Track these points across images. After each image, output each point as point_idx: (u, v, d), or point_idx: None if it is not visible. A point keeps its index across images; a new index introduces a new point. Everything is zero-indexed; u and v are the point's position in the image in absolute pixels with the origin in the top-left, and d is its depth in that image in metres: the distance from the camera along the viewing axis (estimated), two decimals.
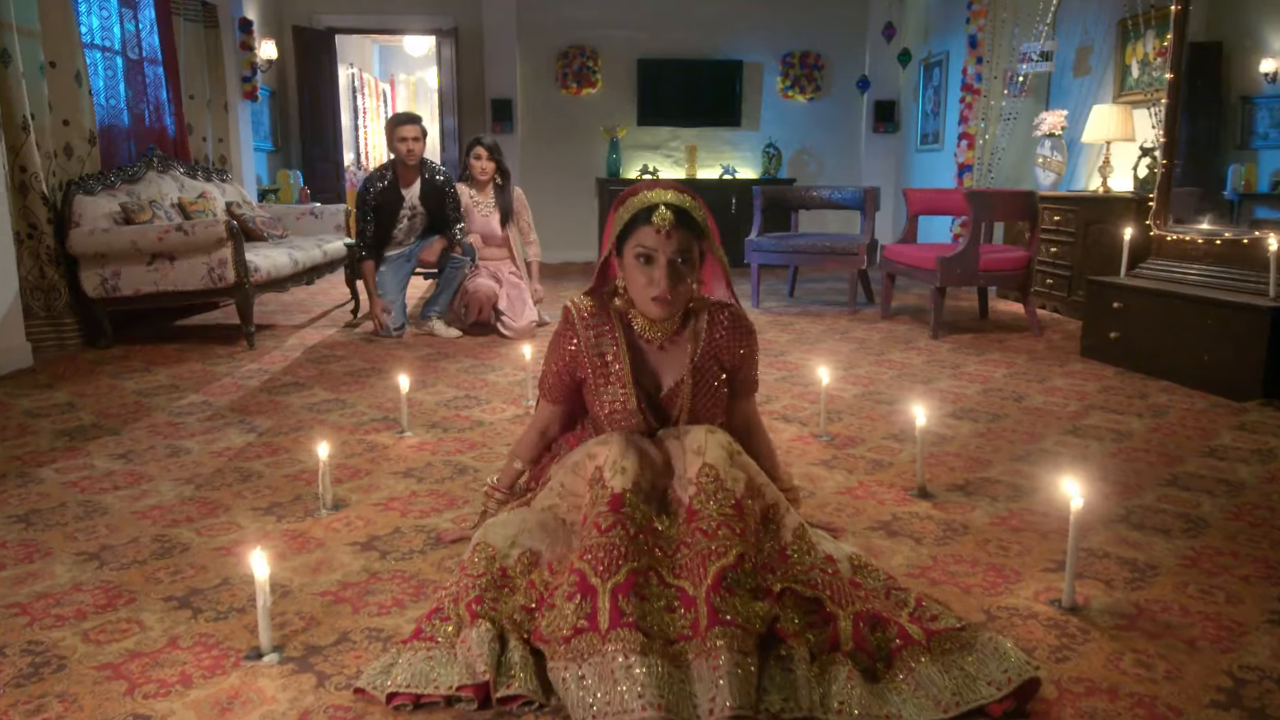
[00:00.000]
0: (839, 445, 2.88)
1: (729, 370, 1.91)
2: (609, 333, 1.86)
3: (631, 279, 1.78)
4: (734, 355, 1.90)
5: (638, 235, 1.74)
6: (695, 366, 1.86)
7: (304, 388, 3.68)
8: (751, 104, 8.67)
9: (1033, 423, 3.16)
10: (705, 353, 1.87)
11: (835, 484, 2.52)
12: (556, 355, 1.93)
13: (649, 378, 1.87)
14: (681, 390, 1.85)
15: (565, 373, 1.92)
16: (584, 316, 1.88)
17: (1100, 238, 5.20)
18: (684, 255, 1.74)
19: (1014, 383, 3.77)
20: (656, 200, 1.75)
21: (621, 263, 1.82)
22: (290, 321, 5.36)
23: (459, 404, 3.40)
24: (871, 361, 4.20)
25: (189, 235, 4.34)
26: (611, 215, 1.85)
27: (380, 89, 13.03)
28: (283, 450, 2.83)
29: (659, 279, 1.73)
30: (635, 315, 1.85)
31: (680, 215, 1.74)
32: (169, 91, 5.79)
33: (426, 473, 2.60)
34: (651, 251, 1.73)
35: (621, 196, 1.83)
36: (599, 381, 1.86)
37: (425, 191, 4.82)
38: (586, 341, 1.86)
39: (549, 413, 2.02)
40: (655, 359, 1.87)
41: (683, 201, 1.77)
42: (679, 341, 1.87)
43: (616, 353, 1.85)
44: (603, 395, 1.86)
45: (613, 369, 1.85)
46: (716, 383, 1.88)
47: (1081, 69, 6.26)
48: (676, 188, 1.81)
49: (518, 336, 4.74)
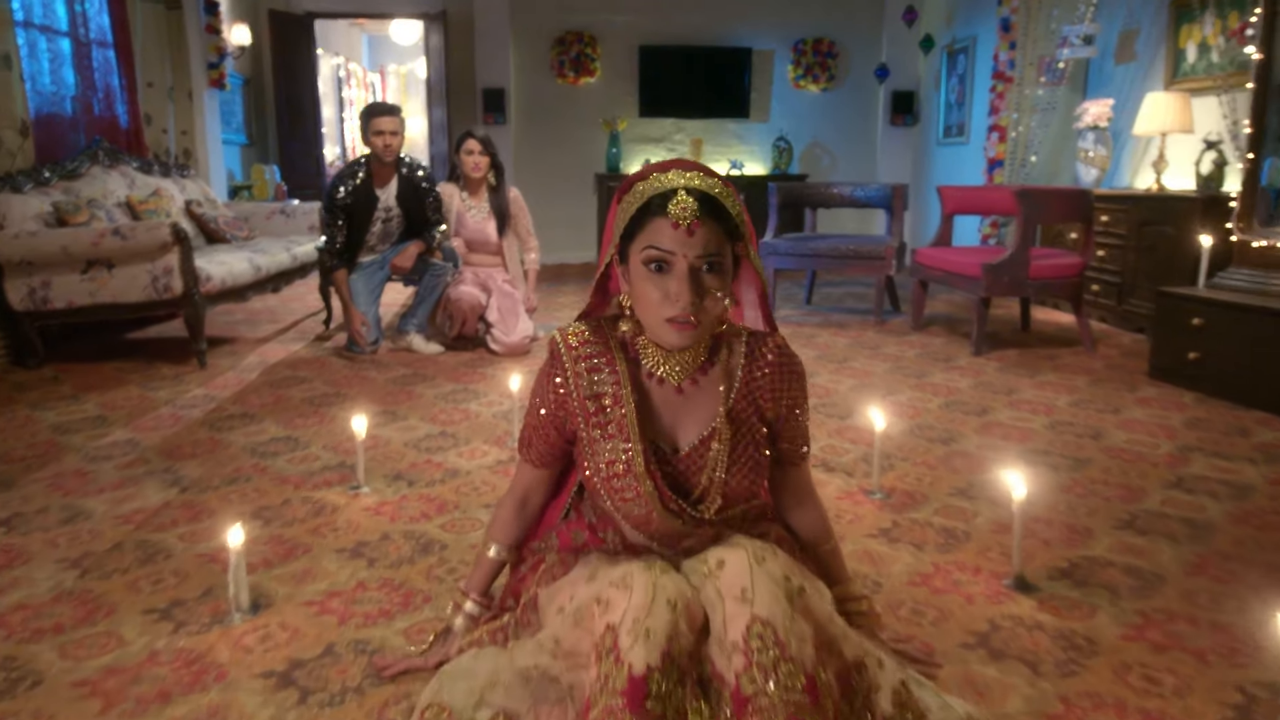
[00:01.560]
0: (897, 506, 2.33)
1: (771, 424, 1.38)
2: (608, 367, 1.34)
3: (640, 293, 1.26)
4: (778, 404, 1.37)
5: (648, 232, 1.23)
6: (730, 415, 1.33)
7: (252, 421, 3.12)
8: (761, 94, 8.10)
9: (1124, 471, 2.61)
10: (742, 397, 1.35)
11: (903, 568, 1.97)
12: (539, 401, 1.40)
13: (663, 430, 1.34)
14: (711, 449, 1.31)
15: (551, 425, 1.39)
16: (573, 346, 1.36)
17: (1157, 241, 4.65)
18: (712, 260, 1.22)
19: (1083, 414, 3.22)
20: (673, 184, 1.22)
21: (626, 272, 1.29)
22: (254, 333, 4.80)
23: (431, 444, 2.85)
24: (912, 385, 3.65)
25: (128, 239, 3.77)
26: (613, 208, 1.33)
27: (369, 80, 12.47)
28: (205, 514, 2.27)
29: (677, 292, 1.21)
30: (645, 345, 1.33)
31: (707, 204, 1.22)
32: (122, 78, 5.21)
33: (381, 550, 2.05)
34: (667, 254, 1.21)
35: (626, 182, 1.31)
36: (593, 434, 1.33)
37: (403, 191, 4.25)
38: (578, 380, 1.34)
39: (530, 478, 1.48)
40: (672, 405, 1.34)
41: (710, 186, 1.25)
42: (705, 381, 1.34)
43: (617, 394, 1.32)
44: (599, 452, 1.32)
45: (612, 415, 1.32)
46: (758, 438, 1.35)
47: (1125, 55, 5.70)
48: (700, 168, 1.27)
49: (509, 353, 4.18)
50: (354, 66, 11.70)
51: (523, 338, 4.21)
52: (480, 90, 7.79)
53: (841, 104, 8.16)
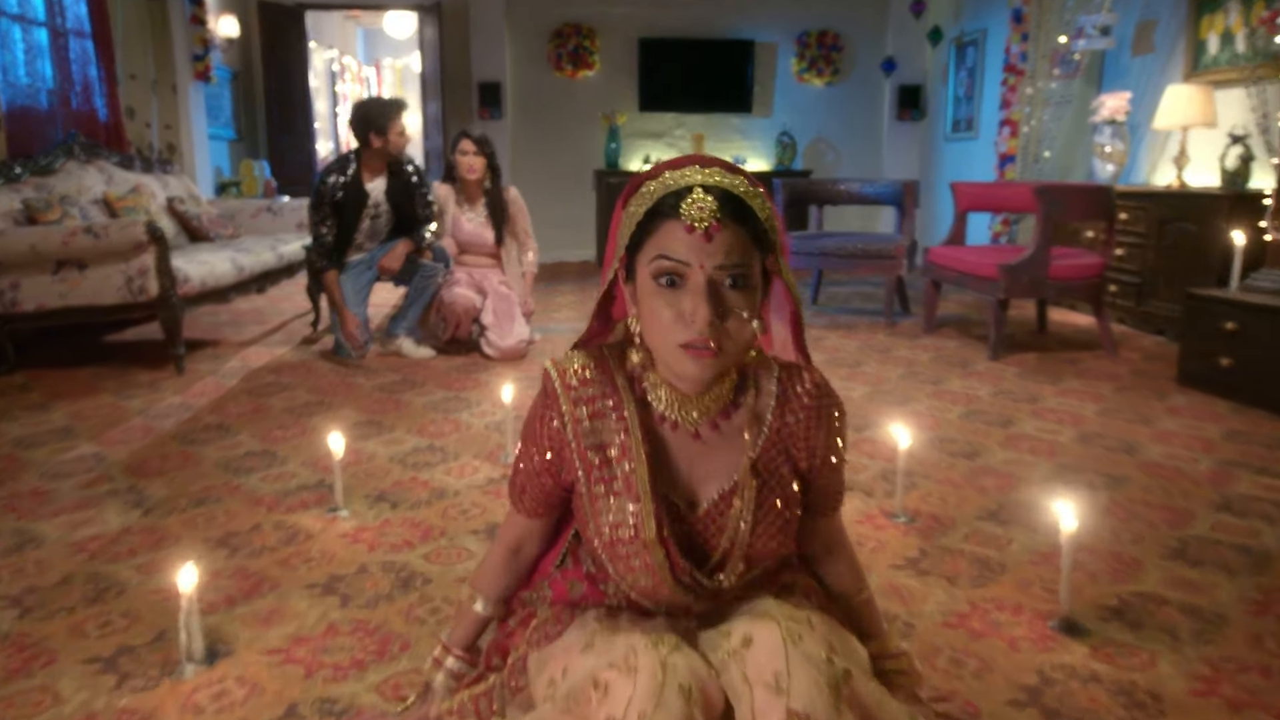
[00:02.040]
0: (924, 532, 2.14)
1: (805, 473, 1.17)
2: (613, 410, 1.12)
3: (649, 313, 1.04)
4: (814, 453, 1.15)
5: (658, 238, 1.02)
6: (756, 466, 1.12)
7: (228, 433, 2.92)
8: (764, 88, 7.90)
9: (1165, 491, 2.42)
10: (771, 445, 1.14)
11: (936, 607, 1.77)
12: (533, 447, 1.18)
13: (677, 483, 1.13)
14: (733, 506, 1.11)
15: (545, 473, 1.18)
16: (572, 385, 1.13)
17: (1179, 240, 4.46)
18: (736, 272, 1.00)
19: (1114, 424, 3.03)
20: (689, 181, 1.02)
21: (633, 291, 1.08)
22: (239, 336, 4.60)
23: (418, 460, 2.65)
24: (929, 393, 3.46)
25: (100, 239, 3.57)
26: (618, 213, 1.11)
27: (363, 74, 12.26)
28: (167, 541, 2.07)
29: (693, 309, 0.99)
30: (655, 380, 1.12)
31: (729, 205, 1.01)
32: (101, 69, 5.01)
33: (356, 586, 1.85)
34: (680, 265, 1.00)
35: (633, 182, 1.09)
36: (595, 490, 1.12)
37: (392, 186, 4.05)
38: (576, 424, 1.12)
39: (523, 528, 1.27)
40: (688, 453, 1.13)
41: (733, 184, 1.03)
42: (728, 427, 1.13)
43: (625, 444, 1.11)
44: (601, 513, 1.12)
45: (618, 470, 1.11)
46: (788, 493, 1.14)
47: (1143, 46, 5.50)
48: (722, 164, 1.06)
49: (504, 358, 3.98)
50: (348, 60, 11.48)
51: (519, 342, 4.01)
52: (476, 84, 7.58)
53: (846, 98, 7.96)
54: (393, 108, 3.93)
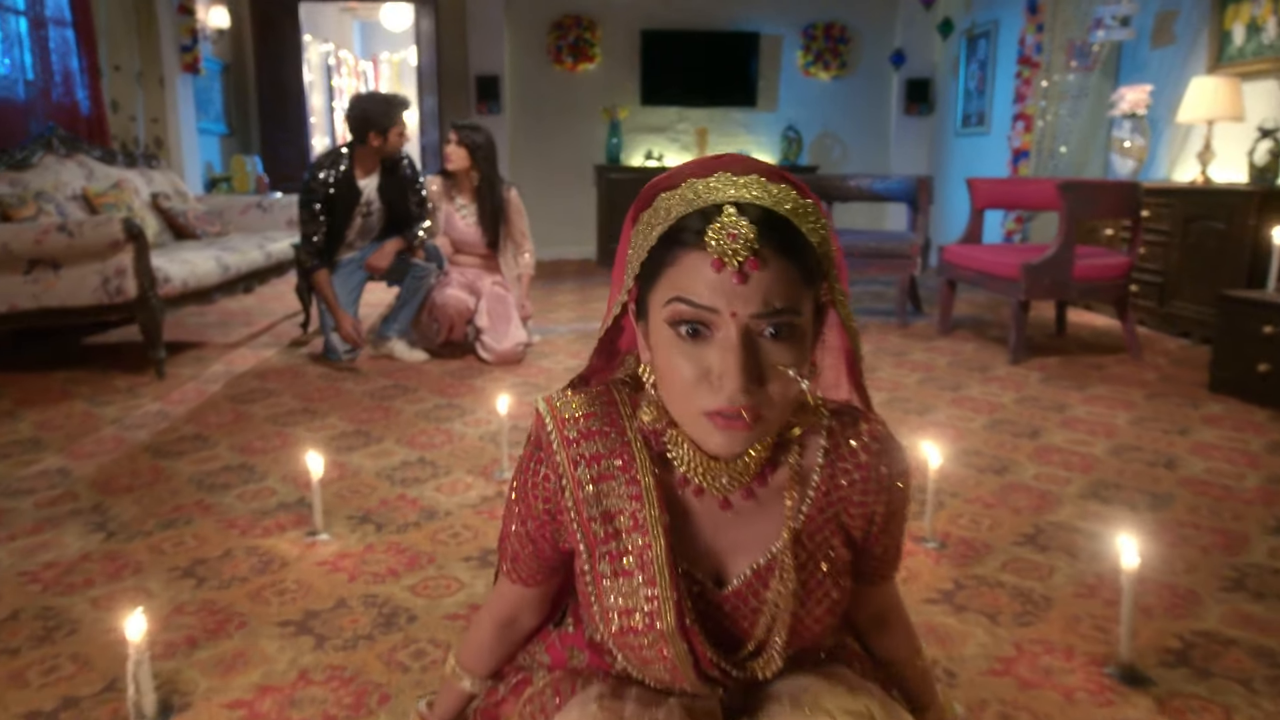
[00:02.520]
0: (957, 559, 1.96)
1: (858, 541, 0.94)
2: (623, 471, 0.89)
3: (667, 370, 0.80)
4: (870, 517, 0.92)
5: (676, 274, 0.78)
6: (799, 539, 0.90)
7: (205, 444, 2.74)
8: (769, 82, 7.70)
9: (1214, 512, 2.24)
10: (818, 512, 0.90)
11: (978, 650, 1.59)
12: (523, 508, 0.95)
13: (701, 555, 0.91)
14: (769, 586, 0.90)
15: (540, 538, 0.94)
16: (571, 438, 0.89)
17: (1205, 239, 4.27)
18: (780, 320, 0.76)
19: (1148, 435, 2.85)
20: (717, 196, 0.78)
21: (645, 331, 0.84)
22: (225, 338, 4.42)
23: (407, 475, 2.47)
24: (949, 400, 3.28)
25: (75, 237, 3.39)
26: (627, 228, 0.88)
27: (360, 68, 12.06)
28: (129, 569, 1.89)
29: (723, 371, 0.76)
30: (675, 437, 0.87)
31: (774, 230, 0.76)
32: (83, 60, 4.82)
33: (333, 624, 1.67)
34: (706, 312, 0.76)
35: (647, 190, 0.84)
36: (600, 568, 0.90)
37: (386, 183, 3.86)
38: (577, 487, 0.89)
39: (517, 598, 1.03)
40: (715, 521, 0.91)
41: (777, 198, 0.78)
42: (766, 492, 0.90)
43: (638, 514, 0.88)
44: (607, 595, 0.90)
45: (629, 543, 0.89)
46: (838, 567, 0.92)
47: (1163, 38, 5.31)
48: (761, 169, 0.81)
49: (500, 361, 3.80)
50: (344, 54, 11.29)
51: (515, 345, 3.83)
52: (474, 78, 7.40)
53: (853, 92, 7.76)
54: (395, 108, 3.73)
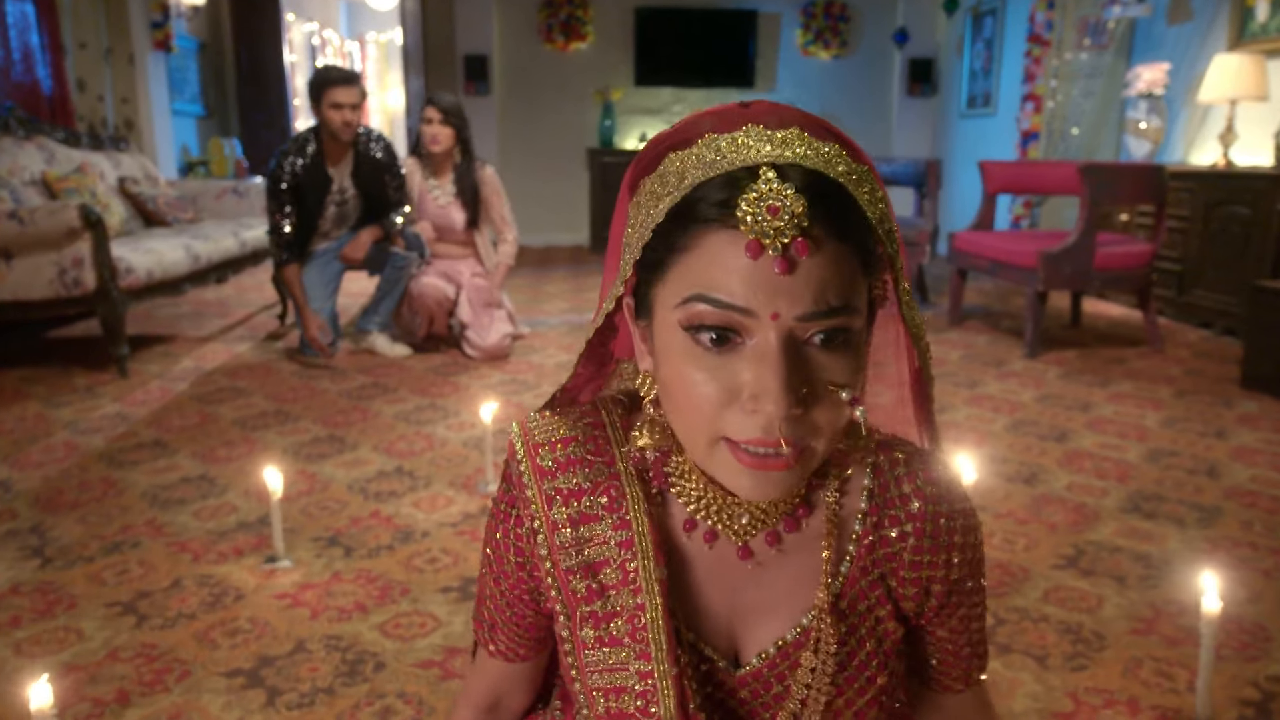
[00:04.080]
0: (995, 588, 1.75)
1: (910, 617, 0.71)
2: (608, 509, 0.68)
3: (679, 386, 0.58)
4: (926, 584, 0.69)
5: (695, 262, 0.56)
6: (839, 604, 0.68)
7: (163, 452, 2.52)
8: (767, 61, 7.45)
9: (1269, 528, 2.04)
10: (861, 570, 0.68)
11: (1030, 703, 1.39)
12: (495, 561, 0.74)
13: (713, 626, 0.69)
14: (800, 663, 0.67)
15: (518, 600, 0.73)
16: (545, 469, 0.69)
17: (1228, 225, 4.07)
18: (834, 325, 0.55)
19: (1183, 438, 2.65)
20: (752, 156, 0.56)
21: (647, 331, 0.62)
22: (198, 331, 4.18)
23: (382, 488, 2.25)
24: (966, 399, 3.07)
25: (26, 225, 3.15)
26: (622, 200, 0.67)
27: (345, 49, 11.76)
28: (61, 604, 1.67)
29: (760, 394, 0.54)
30: (681, 467, 0.67)
31: (825, 200, 0.55)
32: (44, 37, 4.55)
33: (288, 673, 1.46)
34: (739, 317, 0.54)
35: (653, 147, 0.63)
36: (582, 635, 0.69)
37: (359, 169, 3.61)
38: (551, 527, 0.68)
39: (499, 676, 0.81)
40: (731, 579, 0.69)
41: (828, 159, 0.57)
42: (795, 539, 0.68)
43: (627, 566, 0.67)
44: (592, 671, 0.69)
45: (616, 603, 0.68)
46: (886, 644, 0.69)
47: (1179, 14, 5.09)
48: (801, 119, 0.61)
49: (486, 357, 3.58)
50: (329, 34, 10.98)
51: (501, 338, 3.60)
52: (461, 57, 7.13)
53: (854, 72, 7.52)
54: (330, 77, 3.45)
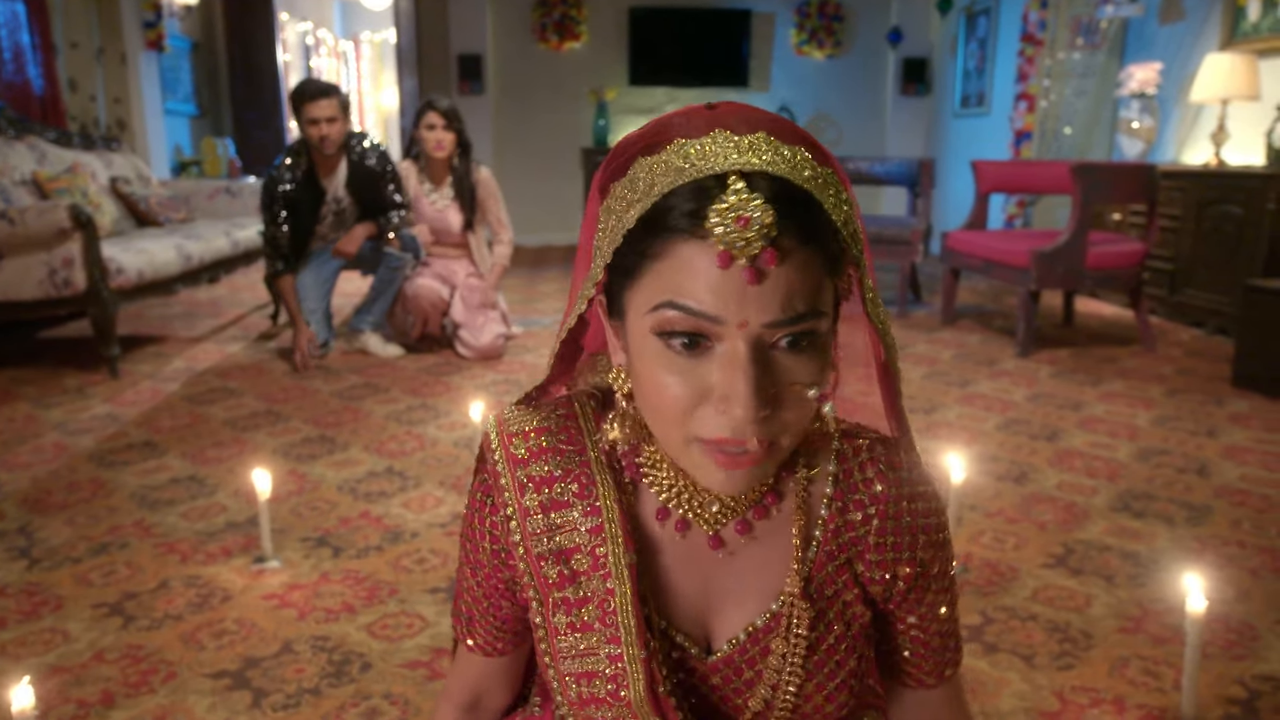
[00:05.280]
0: (982, 587, 1.75)
1: (878, 601, 0.73)
2: (581, 500, 0.69)
3: (651, 387, 0.60)
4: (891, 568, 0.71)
5: (666, 270, 0.57)
6: (809, 589, 0.69)
7: (153, 453, 2.51)
8: (761, 61, 7.46)
9: (1257, 526, 2.04)
10: (828, 555, 0.70)
11: (1015, 700, 1.39)
12: (472, 552, 0.74)
13: (684, 613, 0.71)
14: (771, 650, 0.69)
15: (494, 591, 0.74)
16: (519, 458, 0.70)
17: (1221, 224, 4.08)
18: (800, 329, 0.57)
19: (1174, 437, 2.65)
20: (719, 164, 0.56)
21: (621, 332, 0.64)
22: (190, 331, 4.18)
23: (372, 488, 2.25)
24: (957, 398, 3.08)
25: (16, 225, 3.13)
26: (593, 200, 0.68)
27: (340, 49, 11.74)
28: (47, 606, 1.67)
29: (727, 391, 0.56)
30: (653, 457, 0.69)
31: (794, 209, 0.55)
32: (34, 36, 4.54)
33: (274, 674, 1.45)
34: (707, 322, 0.56)
35: (618, 151, 0.65)
36: (554, 621, 0.70)
37: (353, 178, 3.59)
38: (523, 514, 0.70)
39: (480, 671, 0.81)
40: (702, 566, 0.70)
41: (793, 164, 0.57)
42: (766, 526, 0.69)
43: (597, 550, 0.68)
44: (565, 657, 0.70)
45: (587, 589, 0.69)
46: (854, 629, 0.70)
47: (1171, 14, 5.10)
48: (768, 122, 0.60)
49: (479, 357, 3.58)
50: (324, 34, 10.96)
51: (495, 338, 3.60)
52: (455, 57, 7.12)
53: (848, 71, 7.53)
54: (302, 92, 3.42)
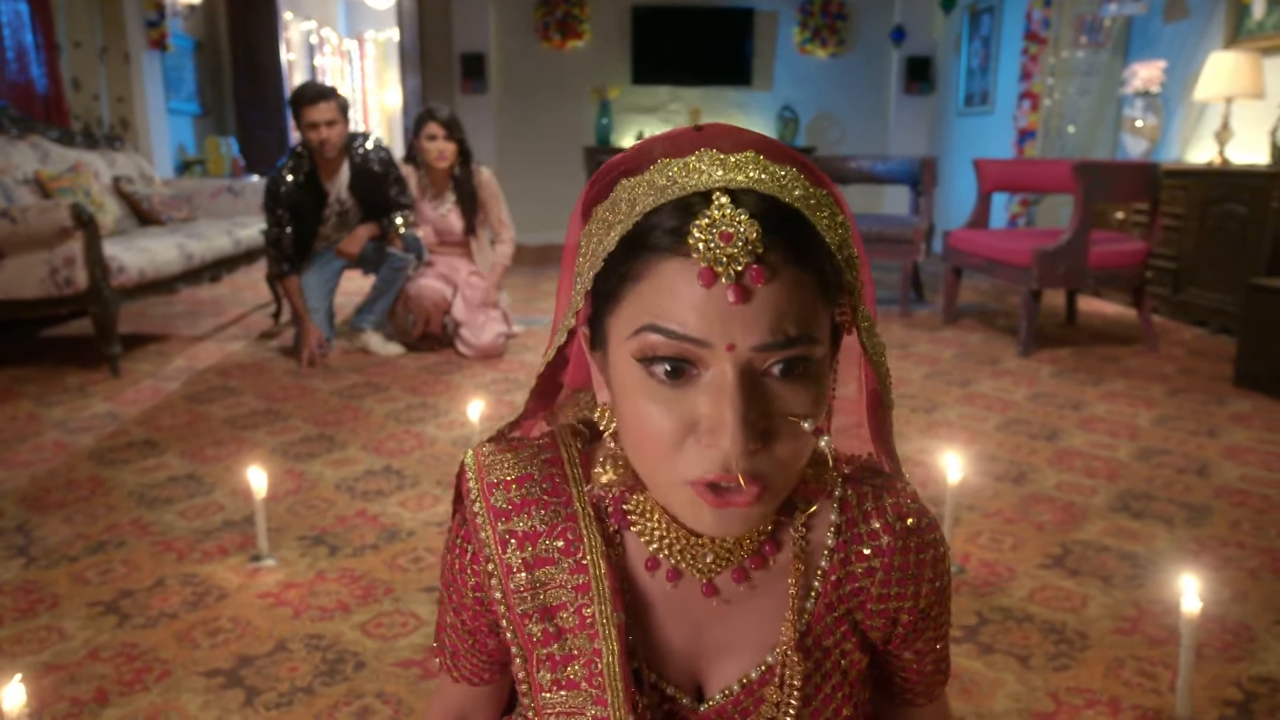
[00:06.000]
0: (979, 587, 1.75)
1: (877, 645, 0.70)
2: (564, 553, 0.64)
3: (635, 421, 0.56)
4: (894, 616, 0.68)
5: (647, 291, 0.54)
6: (806, 641, 0.66)
7: (153, 451, 2.52)
8: (764, 60, 7.44)
9: (1257, 527, 2.03)
10: (828, 606, 0.66)
11: (1010, 701, 1.38)
12: (452, 592, 0.71)
13: (674, 662, 0.67)
14: (767, 702, 0.65)
15: (478, 629, 0.70)
16: (499, 510, 0.65)
17: (1224, 223, 4.06)
18: (794, 354, 0.53)
19: (1175, 437, 2.64)
20: (703, 182, 0.53)
21: (603, 362, 0.60)
22: (192, 330, 4.19)
23: (369, 487, 2.25)
24: (958, 398, 3.07)
25: (17, 223, 3.14)
26: (576, 224, 0.64)
27: (344, 48, 11.76)
28: (44, 604, 1.67)
29: (717, 428, 0.52)
30: (642, 505, 0.63)
31: (781, 226, 0.53)
32: (38, 35, 4.55)
33: (268, 673, 1.46)
34: (692, 348, 0.52)
35: (604, 173, 0.60)
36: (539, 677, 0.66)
37: (356, 180, 3.59)
38: (505, 571, 0.65)
39: (460, 697, 0.78)
40: (693, 614, 0.66)
41: (782, 183, 0.55)
42: (761, 574, 0.65)
43: (584, 610, 0.64)
44: (549, 708, 0.65)
45: (573, 647, 0.65)
46: (852, 676, 0.67)
47: (1176, 12, 5.08)
48: (758, 143, 0.57)
49: (480, 356, 3.58)
50: (328, 33, 10.97)
51: (496, 338, 3.60)
52: (458, 56, 7.13)
53: (852, 70, 7.51)
54: (300, 96, 3.42)
